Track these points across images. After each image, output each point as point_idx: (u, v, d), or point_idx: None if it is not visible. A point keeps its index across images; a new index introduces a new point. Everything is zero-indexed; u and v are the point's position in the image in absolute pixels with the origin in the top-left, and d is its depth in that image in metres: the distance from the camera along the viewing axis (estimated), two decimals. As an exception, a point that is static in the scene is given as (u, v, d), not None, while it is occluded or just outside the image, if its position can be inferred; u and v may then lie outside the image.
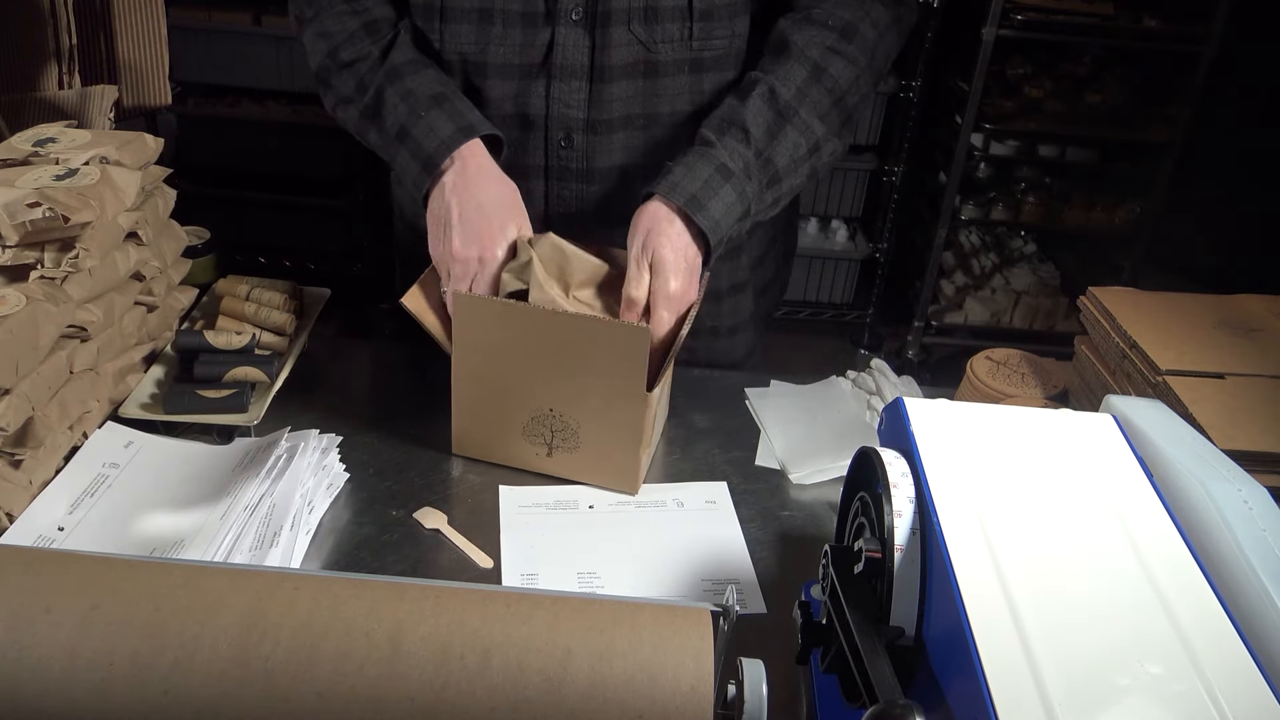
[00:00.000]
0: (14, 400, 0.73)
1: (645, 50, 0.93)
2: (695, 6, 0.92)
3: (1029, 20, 2.33)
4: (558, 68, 0.93)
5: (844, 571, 0.58)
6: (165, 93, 1.30)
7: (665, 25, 0.92)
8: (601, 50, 0.92)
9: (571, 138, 0.96)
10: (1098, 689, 0.44)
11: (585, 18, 0.91)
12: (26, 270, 0.77)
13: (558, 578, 0.78)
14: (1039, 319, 2.71)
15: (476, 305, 0.82)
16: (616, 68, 0.93)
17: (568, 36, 0.92)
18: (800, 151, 0.91)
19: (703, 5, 0.92)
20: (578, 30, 0.92)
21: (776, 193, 0.92)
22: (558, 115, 0.95)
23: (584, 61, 0.93)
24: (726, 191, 0.86)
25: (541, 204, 1.00)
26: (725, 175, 0.87)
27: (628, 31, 0.92)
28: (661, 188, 0.86)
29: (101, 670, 0.47)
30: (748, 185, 0.88)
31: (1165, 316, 0.89)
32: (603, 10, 0.91)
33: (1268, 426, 0.76)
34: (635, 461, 0.85)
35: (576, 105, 0.94)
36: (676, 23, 0.92)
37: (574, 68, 0.93)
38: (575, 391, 0.83)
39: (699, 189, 0.86)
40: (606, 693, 0.46)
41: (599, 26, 0.91)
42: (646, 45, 0.92)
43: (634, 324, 0.80)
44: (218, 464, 0.84)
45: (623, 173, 0.98)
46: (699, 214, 0.85)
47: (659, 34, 0.92)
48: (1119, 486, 0.57)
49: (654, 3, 0.91)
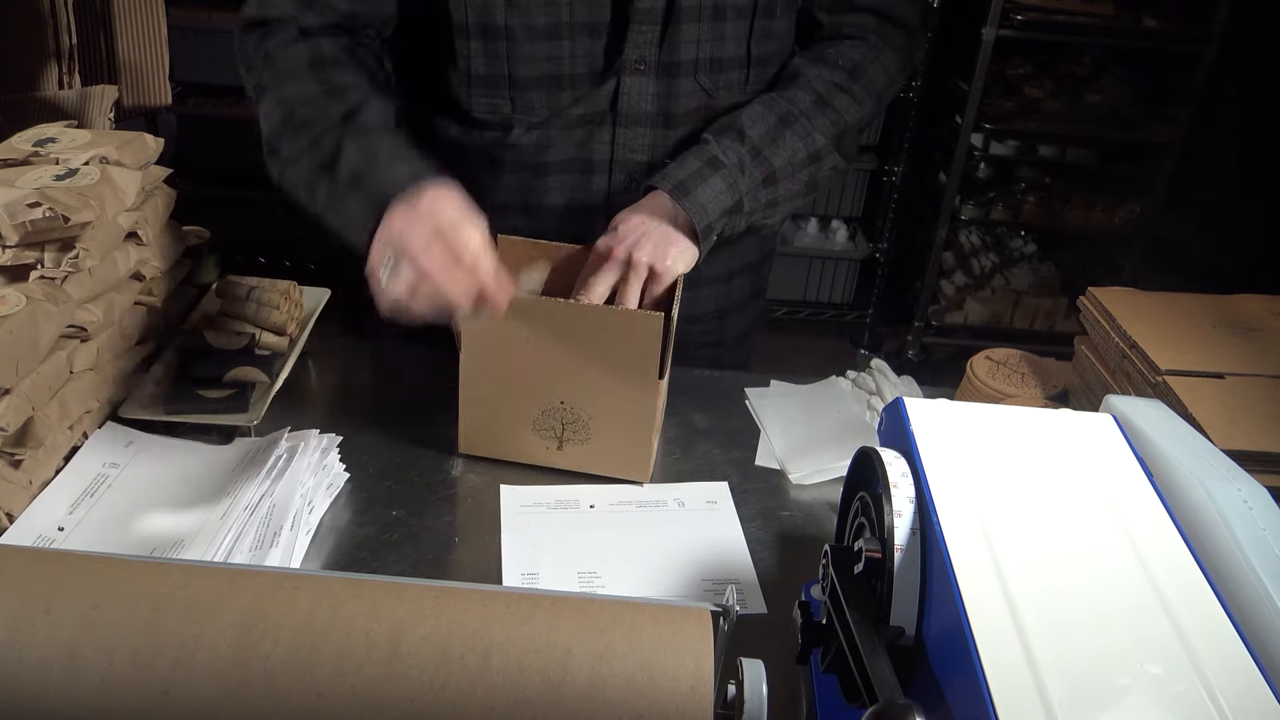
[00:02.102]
0: (14, 400, 0.73)
1: (708, 97, 0.96)
2: (753, 54, 0.96)
3: (1029, 20, 2.33)
4: (624, 115, 0.95)
5: (844, 571, 0.58)
6: (165, 93, 1.30)
7: (727, 74, 0.96)
8: (668, 99, 0.95)
9: (633, 180, 0.98)
10: (1098, 689, 0.44)
11: (650, 68, 0.93)
12: (26, 270, 0.77)
13: (558, 578, 0.78)
14: (1039, 319, 2.71)
15: None
16: (681, 114, 0.96)
17: (633, 86, 0.94)
18: (799, 156, 0.94)
19: (759, 53, 0.96)
20: (644, 79, 0.94)
21: (773, 193, 0.94)
22: (621, 159, 0.97)
23: (650, 109, 0.95)
24: (715, 181, 0.90)
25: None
26: (715, 167, 0.90)
27: (694, 81, 0.95)
28: (654, 178, 0.90)
29: (101, 670, 0.47)
30: (740, 179, 0.91)
31: (1165, 316, 0.89)
32: (669, 61, 0.93)
33: (1268, 426, 0.76)
34: (647, 449, 0.87)
35: (641, 150, 0.97)
36: (737, 70, 0.96)
37: (640, 115, 0.95)
38: (587, 383, 0.83)
39: (687, 177, 0.89)
40: (606, 693, 0.46)
41: (665, 76, 0.94)
42: (709, 92, 0.96)
43: (647, 312, 0.81)
44: (218, 464, 0.84)
45: None
46: (685, 199, 0.88)
47: (721, 82, 0.96)
48: (1119, 486, 0.57)
49: (718, 54, 0.94)
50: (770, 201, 0.94)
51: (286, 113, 0.88)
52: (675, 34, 0.92)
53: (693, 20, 0.92)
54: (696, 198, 0.88)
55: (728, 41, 0.94)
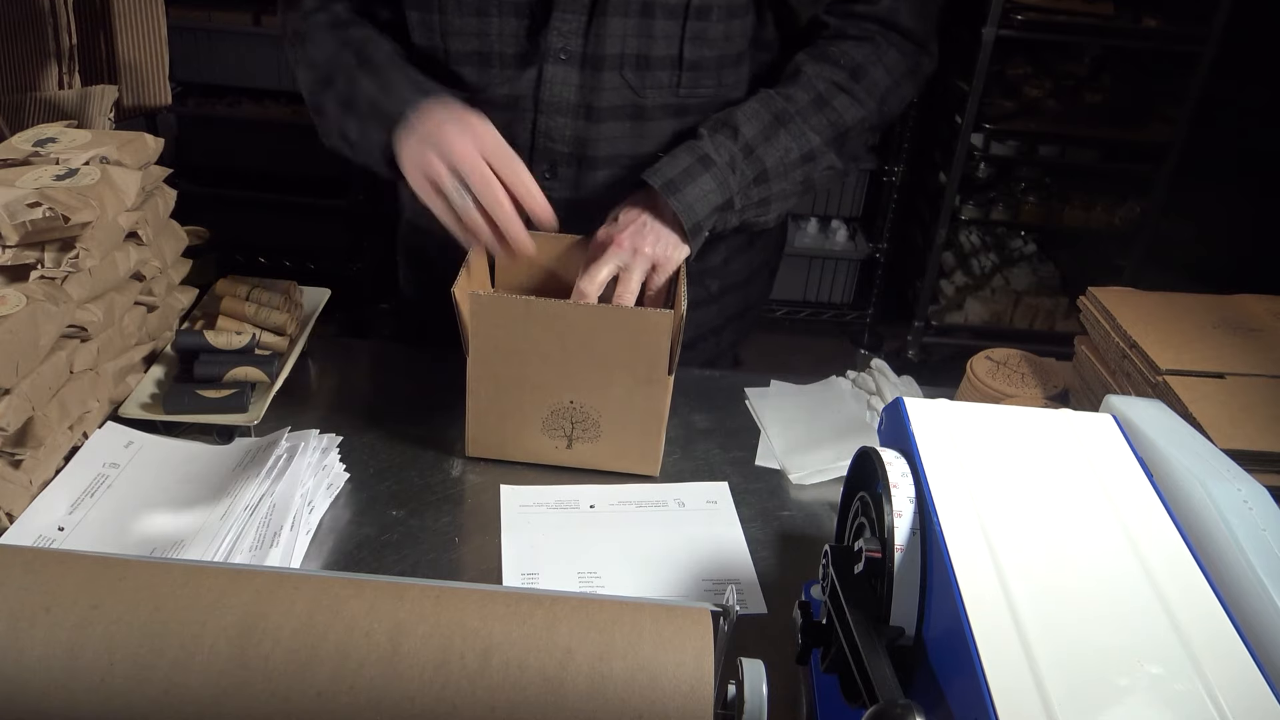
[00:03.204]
0: (14, 400, 0.73)
1: (634, 94, 0.95)
2: (685, 58, 0.94)
3: (1029, 20, 2.33)
4: (545, 104, 0.95)
5: (844, 571, 0.58)
6: (165, 93, 1.30)
7: (655, 73, 0.94)
8: (591, 91, 0.94)
9: (556, 170, 0.98)
10: (1098, 689, 0.44)
11: (573, 57, 0.93)
12: (26, 270, 0.77)
13: (558, 577, 0.78)
14: (1039, 319, 2.72)
15: (495, 303, 0.82)
16: (605, 109, 0.95)
17: (555, 74, 0.93)
18: (792, 156, 0.94)
19: (692, 56, 0.94)
20: (566, 69, 0.93)
21: (765, 191, 0.94)
22: (543, 148, 0.97)
23: (571, 99, 0.94)
24: (705, 180, 0.90)
25: None
26: (706, 165, 0.90)
27: (619, 76, 0.94)
28: (646, 172, 0.90)
29: (101, 670, 0.47)
30: (730, 177, 0.91)
31: (1165, 316, 0.89)
32: (594, 54, 0.92)
33: (1268, 426, 0.76)
34: (657, 444, 0.88)
35: (562, 140, 0.96)
36: (666, 71, 0.94)
37: (561, 104, 0.95)
38: (597, 382, 0.84)
39: (677, 174, 0.89)
40: (606, 693, 0.46)
41: (589, 68, 0.93)
42: (635, 90, 0.95)
43: (657, 310, 0.81)
44: (218, 464, 0.84)
45: (605, 206, 0.99)
46: (673, 197, 0.88)
47: (648, 80, 0.94)
48: (1119, 486, 0.57)
49: (646, 51, 0.93)
50: (762, 200, 0.94)
51: (316, 74, 0.96)
52: (601, 26, 0.91)
53: (619, 14, 0.91)
54: (685, 196, 0.88)
55: (657, 40, 0.93)
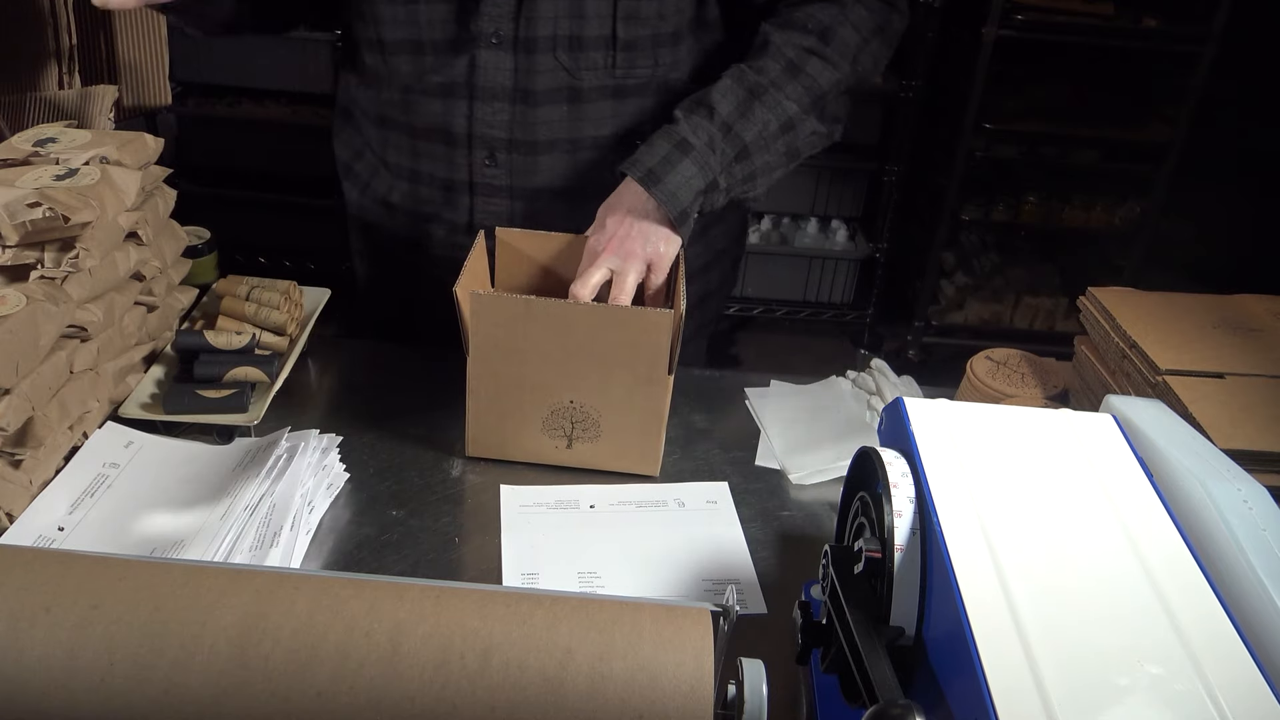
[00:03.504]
0: (14, 400, 0.73)
1: (569, 76, 0.94)
2: (619, 37, 0.93)
3: (1029, 20, 2.33)
4: (480, 90, 0.94)
5: (844, 571, 0.58)
6: (165, 93, 1.30)
7: (589, 54, 0.94)
8: (525, 74, 0.94)
9: (495, 156, 0.98)
10: (1098, 689, 0.44)
11: (505, 42, 0.92)
12: (26, 270, 0.77)
13: (558, 577, 0.78)
14: (1039, 319, 2.71)
15: (495, 303, 0.82)
16: (541, 92, 0.95)
17: (489, 60, 0.93)
18: (771, 127, 0.92)
19: (626, 35, 0.94)
20: (499, 53, 0.93)
21: (749, 167, 0.92)
22: (480, 135, 0.96)
23: (506, 84, 0.94)
24: (685, 165, 0.88)
25: (467, 215, 1.03)
26: (685, 150, 0.89)
27: (553, 58, 0.93)
28: (625, 164, 0.90)
29: (101, 670, 0.47)
30: (711, 158, 0.89)
31: (1165, 316, 0.89)
32: (526, 36, 0.92)
33: (1268, 426, 0.76)
34: (657, 444, 0.88)
35: (499, 126, 0.96)
36: (600, 51, 0.94)
37: (496, 89, 0.95)
38: (597, 382, 0.84)
39: (656, 164, 0.88)
40: (606, 693, 0.46)
41: (523, 51, 0.93)
42: (570, 72, 0.94)
43: (656, 309, 0.81)
44: (218, 464, 0.84)
45: (549, 192, 1.00)
46: (654, 187, 0.87)
47: (583, 61, 0.94)
48: (1119, 486, 0.57)
49: (578, 32, 0.93)
50: (748, 175, 0.93)
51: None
52: (532, 8, 0.91)
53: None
54: (666, 185, 0.87)
55: (589, 20, 0.92)
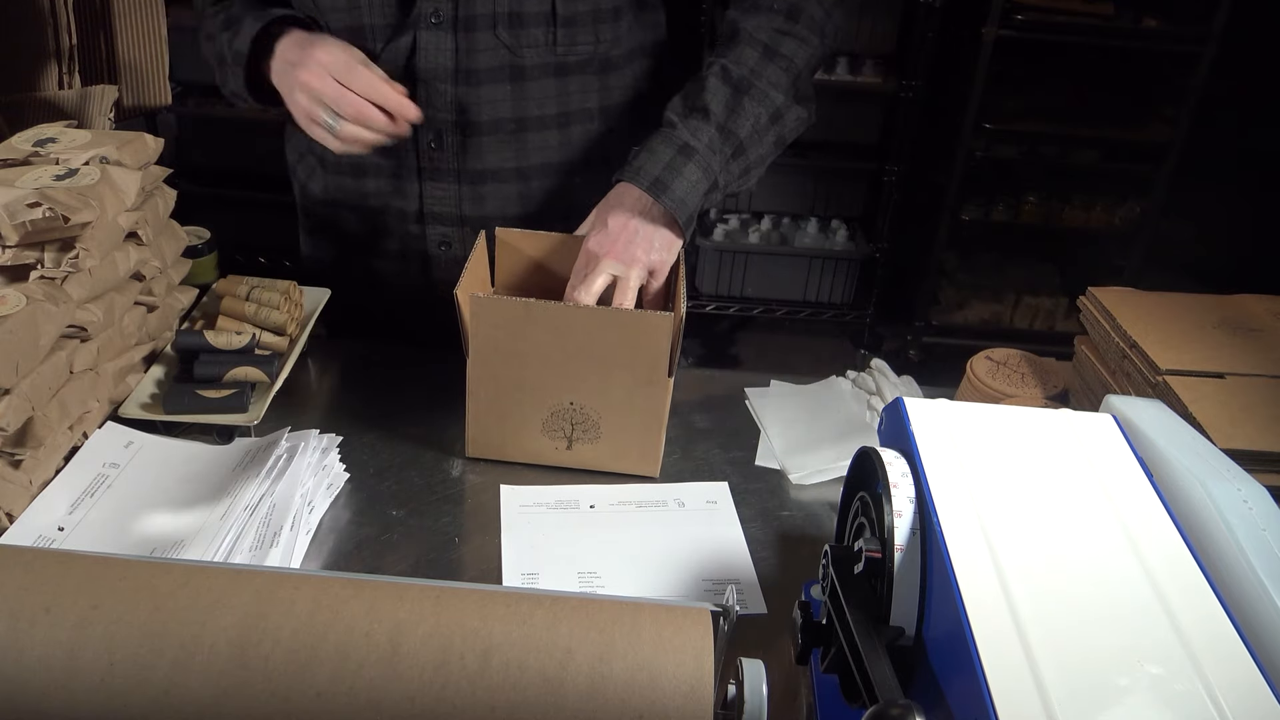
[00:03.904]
0: (14, 400, 0.73)
1: (510, 55, 0.95)
2: (559, 13, 0.94)
3: (1029, 20, 2.33)
4: (423, 71, 0.95)
5: (844, 571, 0.58)
6: (165, 93, 1.30)
7: (530, 30, 0.94)
8: (466, 54, 0.94)
9: (442, 138, 0.98)
10: (1098, 689, 0.44)
11: (445, 21, 0.92)
12: (26, 270, 0.77)
13: (558, 578, 0.78)
14: (1039, 319, 2.72)
15: (495, 305, 0.82)
16: (482, 71, 0.95)
17: (429, 40, 0.93)
18: (762, 121, 0.92)
19: (566, 12, 0.94)
20: (439, 34, 0.93)
21: (744, 163, 0.93)
22: (426, 117, 0.96)
23: (448, 65, 0.94)
24: (690, 170, 0.88)
25: (416, 203, 1.03)
26: (688, 154, 0.88)
27: (493, 36, 0.93)
28: (627, 174, 0.88)
29: (101, 670, 0.47)
30: (713, 160, 0.89)
31: (1165, 316, 0.89)
32: (466, 15, 0.92)
33: (1268, 426, 0.76)
34: (657, 445, 0.88)
35: (443, 108, 0.96)
36: (540, 28, 0.94)
37: (438, 70, 0.95)
38: (597, 383, 0.84)
39: (662, 171, 0.88)
40: (606, 693, 0.46)
41: (463, 30, 0.93)
42: (511, 50, 0.94)
43: (656, 312, 0.81)
44: (218, 464, 0.84)
45: (495, 174, 1.00)
46: (663, 195, 0.87)
47: (524, 39, 0.94)
48: (1119, 486, 0.57)
49: (518, 8, 0.93)
50: (743, 170, 0.93)
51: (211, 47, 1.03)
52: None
53: None
54: (674, 193, 0.87)
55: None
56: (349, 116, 0.88)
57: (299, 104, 0.90)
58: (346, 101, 0.88)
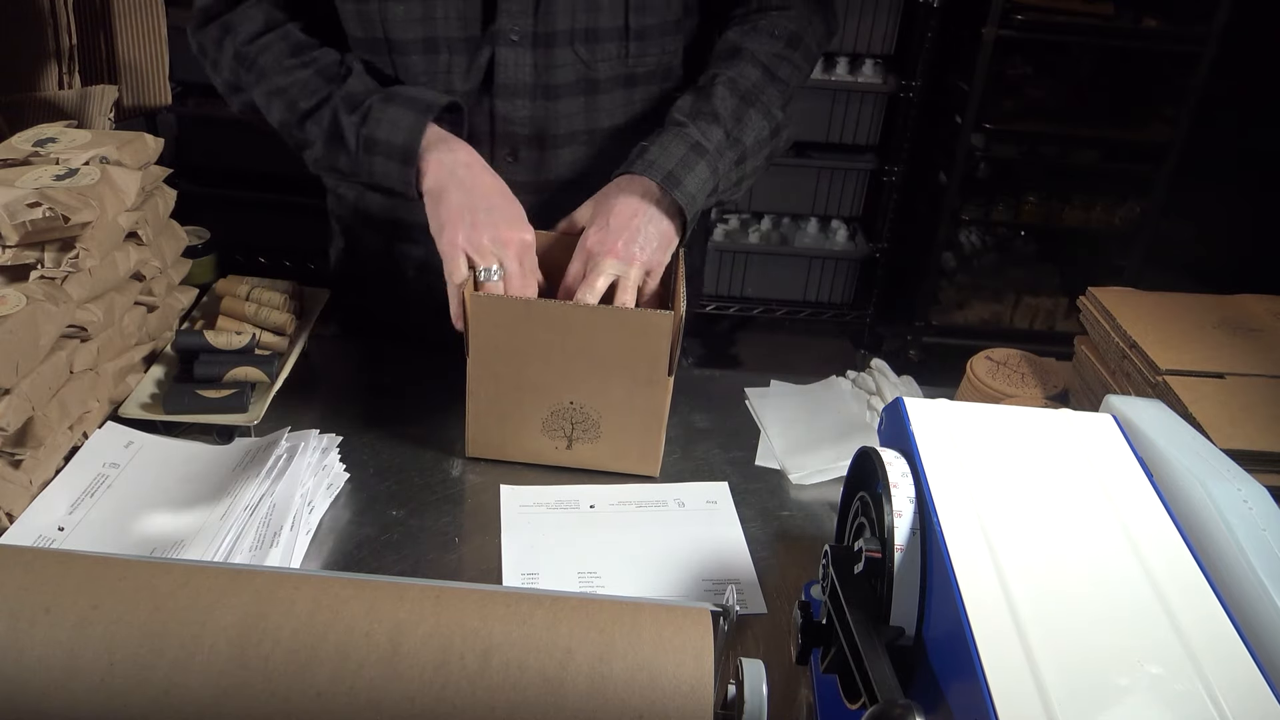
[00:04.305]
0: (14, 400, 0.73)
1: (586, 69, 0.95)
2: (631, 27, 0.95)
3: (1029, 20, 2.33)
4: (500, 86, 0.94)
5: (844, 571, 0.58)
6: (165, 93, 1.30)
7: (605, 45, 0.95)
8: (545, 69, 0.94)
9: (518, 153, 0.98)
10: (1098, 689, 0.44)
11: (524, 38, 0.93)
12: (26, 270, 0.77)
13: (558, 578, 0.78)
14: (1039, 319, 2.72)
15: (495, 304, 0.82)
16: (561, 86, 0.95)
17: (508, 57, 0.93)
18: (764, 133, 0.94)
19: (638, 26, 0.95)
20: (518, 50, 0.93)
21: (741, 172, 0.95)
22: (503, 133, 0.97)
23: (527, 80, 0.94)
24: (701, 168, 0.89)
25: None
26: (700, 153, 0.89)
27: (570, 52, 0.94)
28: (638, 166, 0.88)
29: (101, 670, 0.47)
30: (719, 163, 0.91)
31: (1165, 316, 0.89)
32: (545, 31, 0.93)
33: (1268, 426, 0.76)
34: (657, 445, 0.88)
35: (521, 122, 0.96)
36: (615, 42, 0.95)
37: (517, 86, 0.95)
38: (597, 383, 0.84)
39: (675, 165, 0.88)
40: (606, 693, 0.46)
41: (541, 46, 0.93)
42: (587, 64, 0.95)
43: (657, 311, 0.81)
44: (218, 464, 0.84)
45: (568, 184, 1.00)
46: (676, 190, 0.87)
47: (598, 53, 0.95)
48: (1119, 486, 0.57)
49: (594, 24, 0.94)
50: (739, 179, 0.95)
51: (288, 103, 0.94)
52: (550, 3, 0.91)
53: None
54: (686, 188, 0.88)
55: (603, 11, 0.93)
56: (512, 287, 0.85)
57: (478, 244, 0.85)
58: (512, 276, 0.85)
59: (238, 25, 0.97)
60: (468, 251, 0.84)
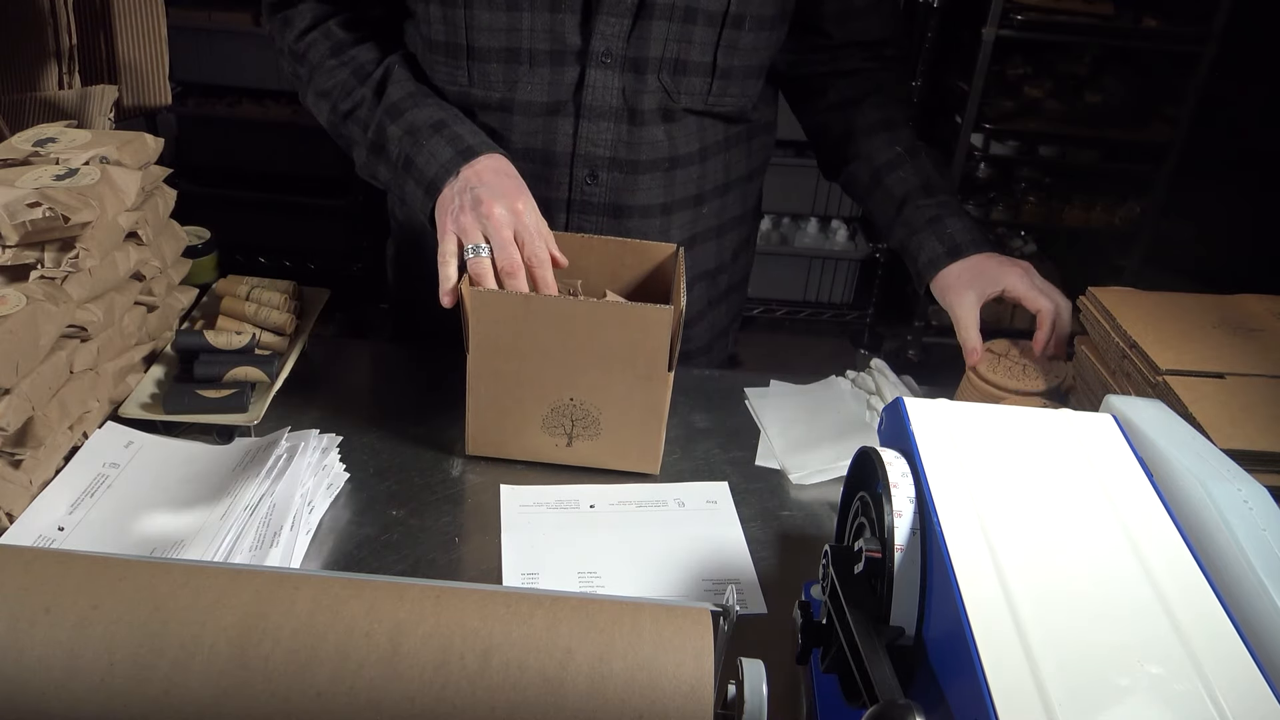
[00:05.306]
0: (14, 400, 0.73)
1: (668, 99, 0.96)
2: (718, 65, 0.96)
3: (1029, 20, 2.33)
4: (587, 107, 0.95)
5: (844, 571, 0.58)
6: (165, 93, 1.30)
7: (690, 79, 0.96)
8: (634, 95, 0.95)
9: (597, 174, 0.98)
10: (1098, 689, 0.44)
11: (616, 61, 0.93)
12: (26, 270, 0.77)
13: (558, 578, 0.78)
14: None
15: (496, 300, 0.82)
16: (646, 112, 0.96)
17: (598, 78, 0.94)
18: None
19: (724, 64, 0.97)
20: (608, 73, 0.94)
21: None
22: (585, 153, 0.97)
23: (615, 104, 0.95)
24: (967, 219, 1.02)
25: None
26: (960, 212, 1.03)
27: (657, 80, 0.95)
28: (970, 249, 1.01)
29: (101, 670, 0.47)
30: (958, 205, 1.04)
31: (1165, 316, 0.89)
32: (636, 56, 0.93)
33: (1268, 426, 0.76)
34: (657, 442, 0.88)
35: (604, 145, 0.97)
36: (700, 77, 0.97)
37: (604, 109, 0.95)
38: (597, 379, 0.84)
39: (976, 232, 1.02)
40: (606, 693, 0.46)
41: (631, 71, 0.94)
42: (670, 94, 0.96)
43: (657, 305, 0.81)
44: (218, 464, 0.84)
45: (641, 209, 1.01)
46: (984, 243, 1.02)
47: (683, 86, 0.96)
48: (1119, 486, 0.57)
49: (683, 56, 0.95)
50: None
51: (331, 105, 0.97)
52: (644, 29, 0.92)
53: (664, 18, 0.92)
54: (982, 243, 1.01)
55: (694, 45, 0.94)
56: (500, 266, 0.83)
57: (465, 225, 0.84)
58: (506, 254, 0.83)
59: (294, 20, 0.98)
60: (455, 232, 0.85)
